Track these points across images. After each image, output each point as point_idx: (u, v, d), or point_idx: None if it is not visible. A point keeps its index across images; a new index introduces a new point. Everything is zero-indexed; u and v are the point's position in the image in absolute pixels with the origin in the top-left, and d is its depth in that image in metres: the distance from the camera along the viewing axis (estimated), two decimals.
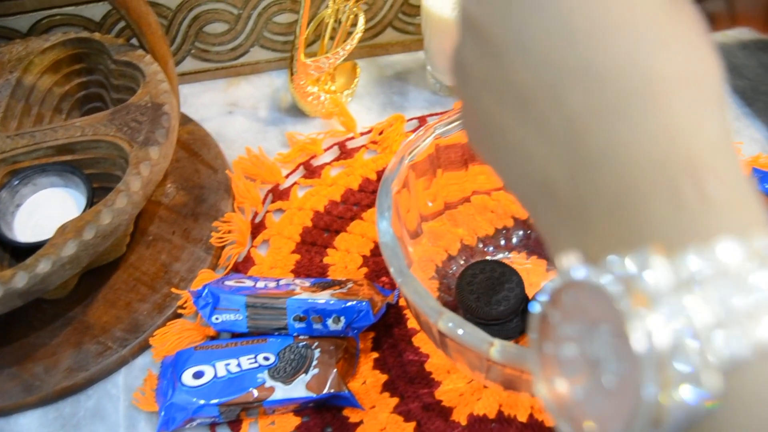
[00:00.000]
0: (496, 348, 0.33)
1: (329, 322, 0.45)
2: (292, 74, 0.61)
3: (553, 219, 0.19)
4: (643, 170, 0.16)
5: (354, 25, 0.65)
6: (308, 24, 0.66)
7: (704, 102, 0.17)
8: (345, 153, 0.62)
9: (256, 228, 0.56)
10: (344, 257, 0.53)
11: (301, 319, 0.45)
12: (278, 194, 0.58)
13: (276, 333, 0.46)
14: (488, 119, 0.21)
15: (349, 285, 0.47)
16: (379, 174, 0.59)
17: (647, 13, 0.17)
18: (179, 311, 0.51)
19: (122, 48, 0.57)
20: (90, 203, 0.51)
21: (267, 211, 0.57)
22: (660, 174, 0.16)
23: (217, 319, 0.47)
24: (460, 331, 0.34)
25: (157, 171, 0.49)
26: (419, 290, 0.36)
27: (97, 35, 0.59)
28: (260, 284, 0.48)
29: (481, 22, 0.20)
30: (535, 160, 0.19)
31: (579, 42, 0.18)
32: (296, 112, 0.67)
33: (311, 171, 0.60)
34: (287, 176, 0.60)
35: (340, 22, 0.65)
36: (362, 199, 0.57)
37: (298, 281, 0.49)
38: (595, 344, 0.16)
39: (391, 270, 0.38)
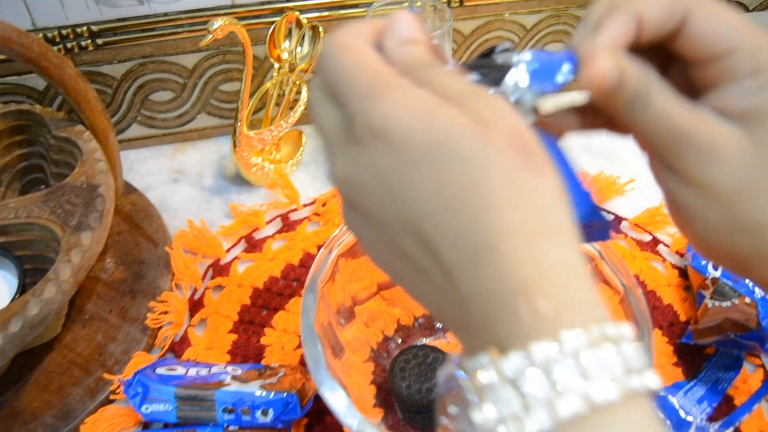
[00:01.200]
0: None
1: (258, 414, 0.45)
2: (234, 146, 0.62)
3: (449, 327, 0.24)
4: (496, 301, 0.22)
5: (299, 93, 0.66)
6: (251, 95, 0.67)
7: (542, 238, 0.22)
8: (287, 225, 0.62)
9: (195, 306, 0.56)
10: (281, 337, 0.53)
11: (230, 411, 0.45)
12: (218, 269, 0.58)
13: (206, 423, 0.46)
14: (387, 266, 0.26)
15: (281, 373, 0.47)
16: (320, 248, 0.60)
17: (491, 178, 0.22)
18: (112, 397, 0.50)
19: (62, 123, 0.57)
20: (21, 286, 0.50)
21: (206, 288, 0.57)
22: (506, 301, 0.21)
23: (147, 408, 0.46)
24: None
25: (89, 257, 0.49)
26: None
27: (37, 108, 0.59)
28: (192, 371, 0.48)
29: (353, 202, 0.25)
30: (428, 297, 0.24)
31: (433, 216, 0.22)
32: (241, 180, 0.67)
33: (253, 245, 0.60)
34: (228, 250, 0.60)
35: (284, 93, 0.66)
36: (302, 274, 0.58)
37: (230, 368, 0.48)
38: (464, 422, 0.22)
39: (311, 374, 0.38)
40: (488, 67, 0.27)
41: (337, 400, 0.37)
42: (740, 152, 0.26)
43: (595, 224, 0.28)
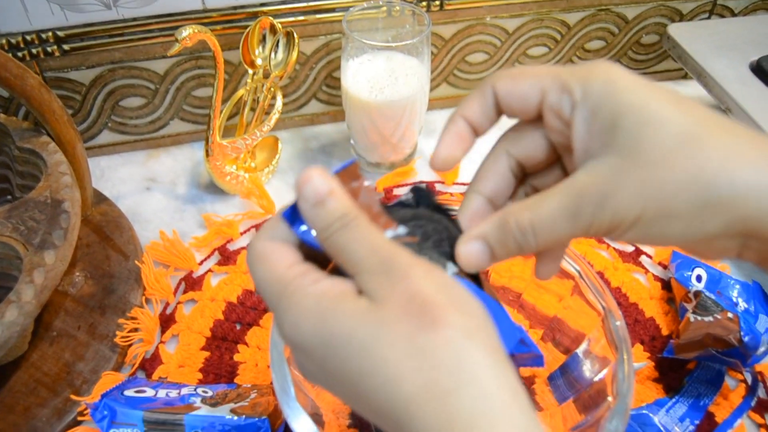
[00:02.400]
0: None
1: None
2: (207, 155, 0.60)
3: None
4: None
5: (273, 99, 0.64)
6: (225, 102, 0.65)
7: (454, 395, 0.22)
8: None
9: (166, 321, 0.54)
10: (255, 354, 0.52)
11: None
12: (191, 283, 0.57)
13: None
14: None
15: (252, 395, 0.46)
16: None
17: (387, 353, 0.23)
18: (79, 418, 0.49)
19: (26, 133, 0.55)
20: None
21: (178, 303, 0.56)
22: None
23: None
24: None
25: (53, 276, 0.47)
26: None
27: (1, 116, 0.57)
28: (161, 393, 0.46)
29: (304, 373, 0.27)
30: None
31: (356, 402, 0.25)
32: (215, 188, 0.65)
33: (226, 257, 0.59)
34: (201, 262, 0.59)
35: (258, 100, 0.64)
36: None
37: (200, 390, 0.47)
38: None
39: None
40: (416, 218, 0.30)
41: (303, 430, 0.35)
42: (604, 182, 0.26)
43: (526, 355, 0.29)
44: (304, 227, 0.27)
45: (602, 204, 0.25)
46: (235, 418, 0.43)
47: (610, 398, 0.39)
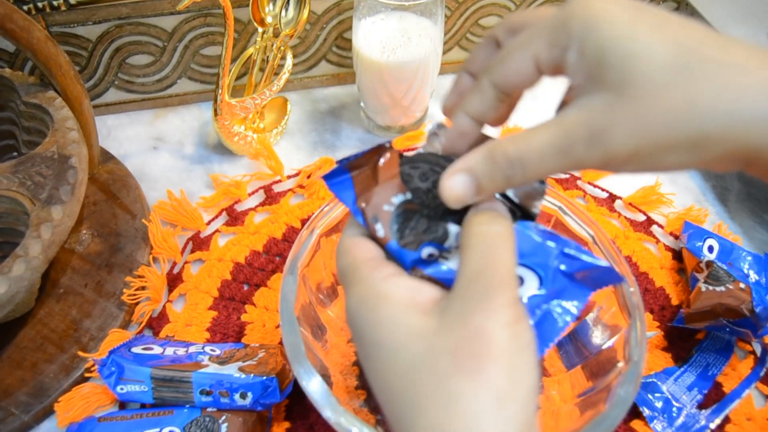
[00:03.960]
0: None
1: (236, 397, 0.43)
2: (216, 114, 0.59)
3: None
4: None
5: (283, 59, 0.63)
6: (234, 61, 0.64)
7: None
8: (270, 198, 0.60)
9: (173, 280, 0.54)
10: (262, 315, 0.52)
11: (207, 393, 0.43)
12: (198, 243, 0.57)
13: (183, 404, 0.44)
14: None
15: (260, 354, 0.46)
16: (304, 222, 0.58)
17: (423, 383, 0.24)
18: (87, 374, 0.49)
19: (32, 88, 0.54)
20: None
21: (185, 262, 0.55)
22: None
23: (122, 389, 0.45)
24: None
25: (61, 232, 0.47)
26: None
27: (7, 71, 0.56)
28: (169, 351, 0.46)
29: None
30: None
31: (384, 402, 0.26)
32: (223, 149, 0.65)
33: (234, 217, 0.58)
34: (209, 222, 0.58)
35: (268, 59, 0.63)
36: (285, 249, 0.56)
37: (208, 348, 0.47)
38: None
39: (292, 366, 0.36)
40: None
41: (314, 390, 0.35)
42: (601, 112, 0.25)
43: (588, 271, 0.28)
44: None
45: (593, 141, 0.24)
46: (243, 376, 0.43)
47: (620, 364, 0.38)
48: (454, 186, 0.28)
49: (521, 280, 0.28)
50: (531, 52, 0.27)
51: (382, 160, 0.29)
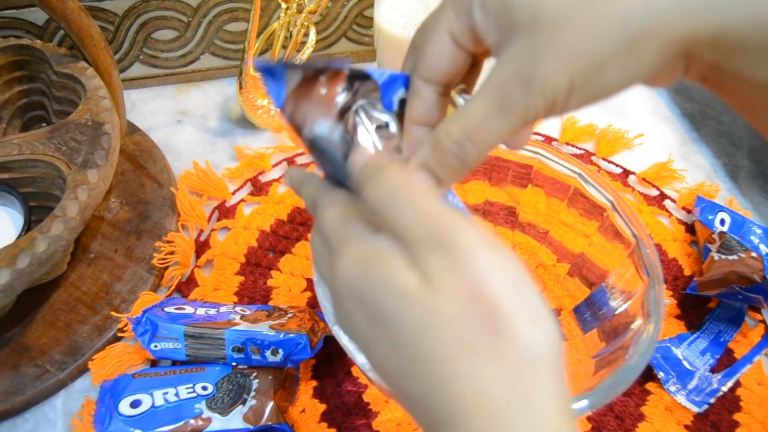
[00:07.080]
0: None
1: (267, 353, 0.45)
2: (240, 87, 0.60)
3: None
4: None
5: (306, 35, 0.65)
6: (258, 36, 0.65)
7: (504, 414, 0.21)
8: None
9: (201, 247, 0.56)
10: (288, 280, 0.53)
11: (239, 350, 0.45)
12: (224, 212, 0.58)
13: (215, 362, 0.46)
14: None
15: (290, 314, 0.47)
16: None
17: (443, 350, 0.22)
18: (119, 334, 0.50)
19: (64, 59, 0.56)
20: (27, 223, 0.50)
21: (212, 230, 0.57)
22: None
23: (155, 346, 0.46)
24: None
25: (96, 195, 0.48)
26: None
27: (38, 43, 0.58)
28: (200, 311, 0.48)
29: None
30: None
31: (398, 378, 0.23)
32: (246, 123, 0.66)
33: (258, 188, 0.60)
34: (234, 192, 0.60)
35: (291, 34, 0.64)
36: (309, 218, 0.57)
37: (238, 308, 0.49)
38: None
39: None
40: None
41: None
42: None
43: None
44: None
45: (528, 86, 0.24)
46: (274, 333, 0.45)
47: (639, 321, 0.40)
48: None
49: (386, 125, 0.29)
50: (443, 28, 0.27)
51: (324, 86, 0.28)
